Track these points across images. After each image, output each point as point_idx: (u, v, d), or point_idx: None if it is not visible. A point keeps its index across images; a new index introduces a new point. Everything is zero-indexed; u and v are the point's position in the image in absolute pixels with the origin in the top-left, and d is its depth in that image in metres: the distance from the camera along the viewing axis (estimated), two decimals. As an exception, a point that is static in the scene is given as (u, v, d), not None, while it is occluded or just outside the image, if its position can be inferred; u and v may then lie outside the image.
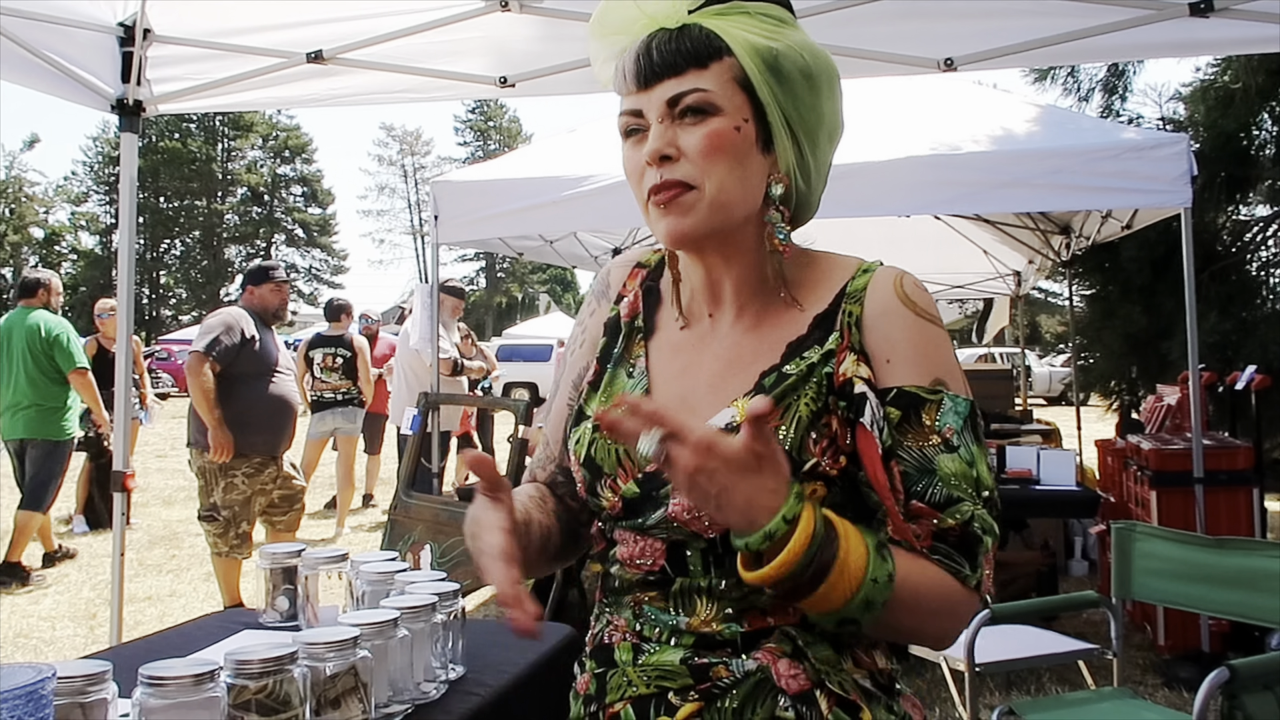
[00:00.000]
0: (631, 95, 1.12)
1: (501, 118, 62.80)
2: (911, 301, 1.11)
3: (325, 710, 1.38)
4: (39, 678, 1.14)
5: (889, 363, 1.09)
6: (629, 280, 1.29)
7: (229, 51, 3.65)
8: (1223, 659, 2.33)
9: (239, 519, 4.94)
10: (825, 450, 1.07)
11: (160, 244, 54.27)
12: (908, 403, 1.07)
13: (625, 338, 1.24)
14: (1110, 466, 5.92)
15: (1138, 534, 3.02)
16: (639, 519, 1.12)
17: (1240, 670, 2.21)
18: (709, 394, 1.14)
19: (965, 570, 1.04)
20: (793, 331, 1.14)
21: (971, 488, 1.06)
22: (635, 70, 1.10)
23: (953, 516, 1.04)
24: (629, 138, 1.14)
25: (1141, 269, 7.06)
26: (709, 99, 1.09)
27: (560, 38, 3.45)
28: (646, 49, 1.10)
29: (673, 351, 1.20)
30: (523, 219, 5.17)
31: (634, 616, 1.14)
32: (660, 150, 1.09)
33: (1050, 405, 20.68)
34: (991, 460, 1.10)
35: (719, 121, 1.09)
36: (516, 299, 59.06)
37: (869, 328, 1.10)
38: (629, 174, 1.14)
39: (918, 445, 1.06)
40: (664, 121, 1.10)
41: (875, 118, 4.94)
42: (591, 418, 1.18)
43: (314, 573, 1.84)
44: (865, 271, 1.15)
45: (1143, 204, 4.81)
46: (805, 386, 1.09)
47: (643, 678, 1.11)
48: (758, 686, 1.07)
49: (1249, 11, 3.05)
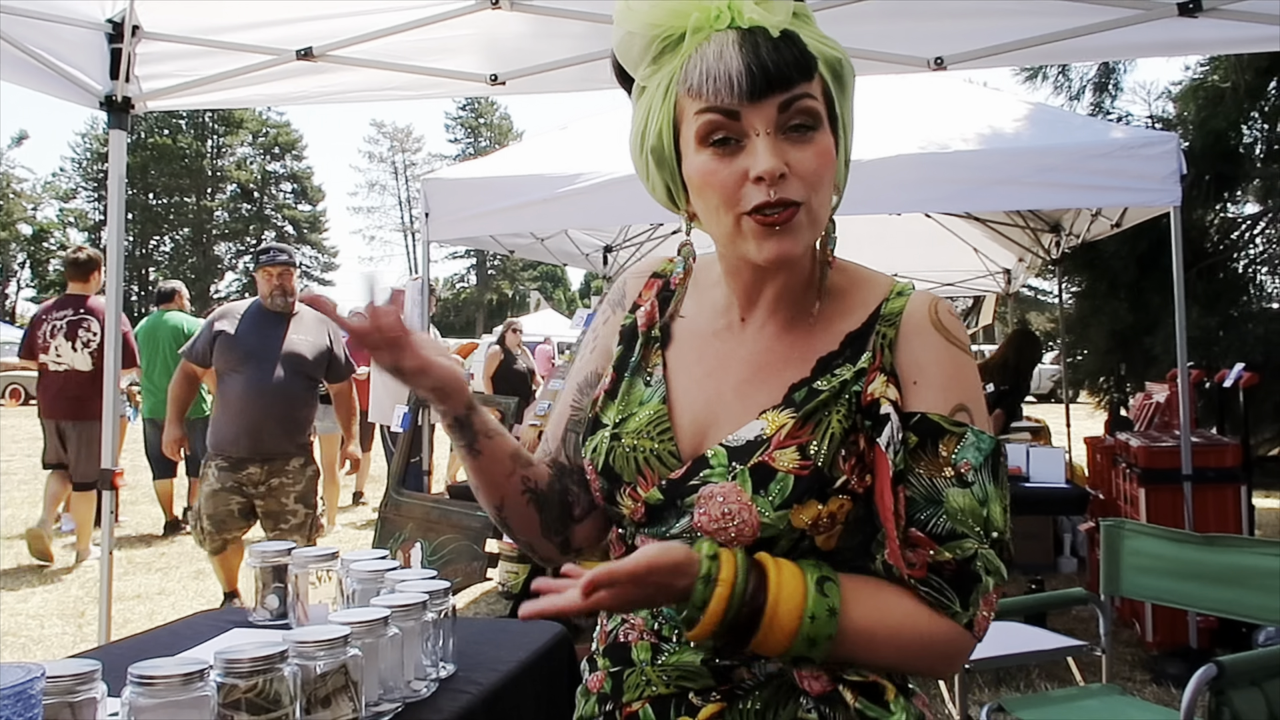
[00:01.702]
0: (732, 102, 1.03)
1: (493, 115, 62.69)
2: (944, 327, 1.11)
3: (315, 709, 1.37)
4: (28, 677, 1.14)
5: (915, 385, 1.08)
6: (645, 290, 1.26)
7: (218, 48, 3.64)
8: (1210, 655, 2.34)
9: (214, 519, 4.63)
10: (854, 469, 1.06)
11: (150, 240, 54.08)
12: (927, 430, 1.06)
13: (642, 346, 1.22)
14: (1099, 464, 5.94)
15: (1126, 531, 3.03)
16: (662, 526, 1.11)
17: (1228, 666, 2.22)
18: (736, 400, 1.12)
19: (954, 606, 1.03)
20: (824, 346, 1.12)
21: (980, 526, 1.04)
22: (748, 79, 1.02)
23: (952, 550, 1.03)
24: (713, 146, 1.05)
25: (1128, 266, 7.09)
26: (817, 109, 1.06)
27: (551, 35, 3.45)
28: (756, 55, 1.03)
29: (696, 358, 1.18)
30: (514, 216, 5.16)
31: (651, 616, 1.13)
32: (778, 169, 1.02)
33: (1040, 403, 20.71)
34: (1009, 503, 1.09)
35: (824, 139, 1.06)
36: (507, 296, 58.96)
37: (900, 350, 1.10)
38: (714, 185, 1.05)
39: (929, 474, 1.05)
40: (771, 134, 1.03)
41: (866, 116, 4.91)
42: (611, 427, 1.17)
43: (304, 571, 1.84)
44: (900, 294, 1.14)
45: (1133, 202, 4.83)
46: (837, 404, 1.08)
47: (662, 677, 1.10)
48: (780, 688, 1.07)
49: (1237, 11, 3.07)
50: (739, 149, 1.04)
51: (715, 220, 1.08)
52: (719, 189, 1.05)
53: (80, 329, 6.43)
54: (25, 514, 7.73)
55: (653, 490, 1.11)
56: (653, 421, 1.14)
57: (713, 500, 1.06)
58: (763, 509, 1.04)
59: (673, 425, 1.14)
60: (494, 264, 58.52)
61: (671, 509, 1.10)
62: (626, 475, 1.14)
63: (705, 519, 1.06)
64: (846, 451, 1.06)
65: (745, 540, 1.05)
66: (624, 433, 1.15)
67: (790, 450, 1.06)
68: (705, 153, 1.06)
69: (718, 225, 1.08)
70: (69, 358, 6.44)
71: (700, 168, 1.06)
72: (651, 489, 1.11)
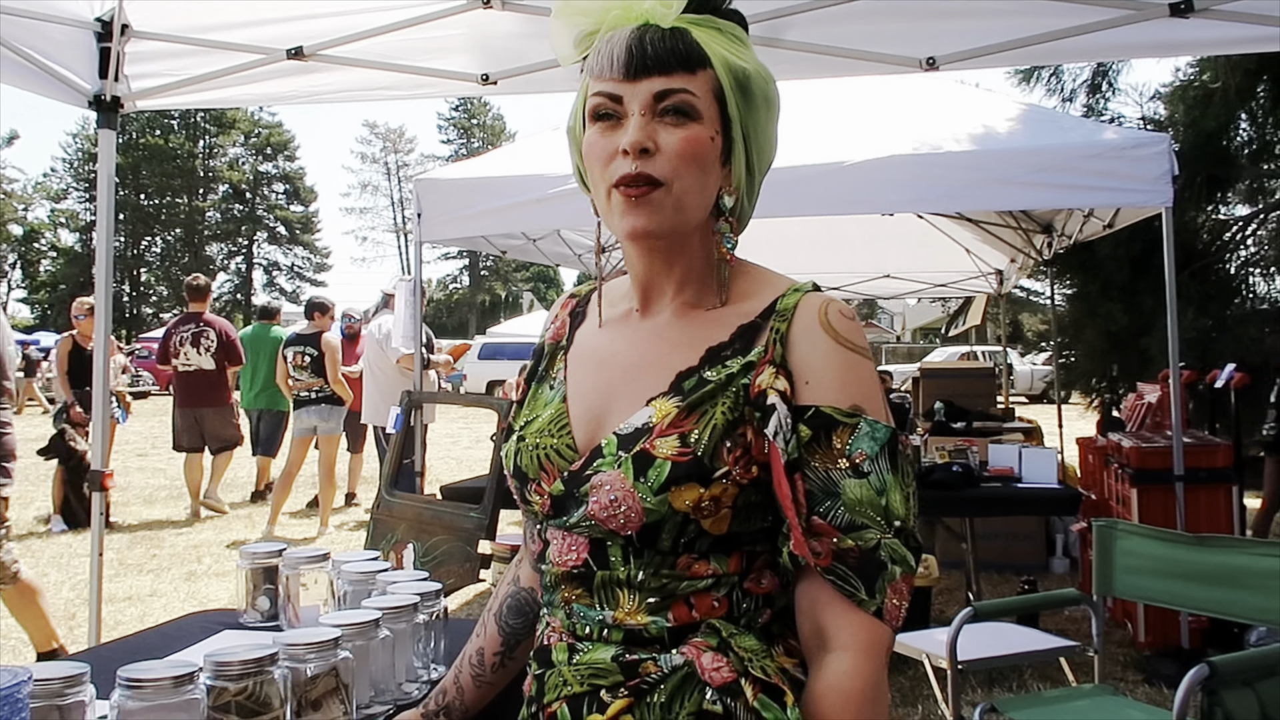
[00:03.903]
0: (613, 81, 1.13)
1: (485, 115, 62.64)
2: (833, 329, 1.13)
3: (306, 712, 1.37)
4: (15, 680, 1.13)
5: (808, 384, 1.11)
6: (561, 310, 1.35)
7: (208, 47, 3.62)
8: (1202, 655, 2.35)
9: None
10: (739, 460, 1.09)
11: (141, 241, 53.91)
12: (821, 423, 1.09)
13: (549, 357, 1.30)
14: (1091, 464, 5.95)
15: (1119, 531, 3.03)
16: (564, 517, 1.16)
17: (1220, 667, 2.23)
18: (624, 385, 1.17)
19: (860, 594, 1.05)
20: (714, 336, 1.16)
21: (880, 516, 1.06)
22: (626, 59, 1.11)
23: (854, 539, 1.06)
24: (600, 121, 1.14)
25: (1121, 267, 7.11)
26: (693, 103, 1.12)
27: (543, 35, 3.43)
28: (640, 40, 1.12)
29: (589, 352, 1.25)
30: (506, 217, 5.15)
31: (567, 616, 1.17)
32: (641, 143, 1.10)
33: (1032, 403, 20.78)
34: (912, 490, 1.10)
35: (698, 128, 1.12)
36: (500, 297, 58.94)
37: (792, 347, 1.12)
38: (593, 157, 1.15)
39: (824, 466, 1.08)
40: (646, 115, 1.11)
41: (858, 117, 4.95)
42: (518, 431, 1.24)
43: (295, 572, 1.83)
44: (796, 291, 1.17)
45: (1125, 203, 4.83)
46: (723, 395, 1.11)
47: (577, 676, 1.13)
48: (684, 680, 1.08)
49: (1229, 12, 3.07)
50: (619, 126, 1.13)
51: (597, 194, 1.17)
52: (596, 161, 1.14)
53: (202, 337, 8.51)
54: (17, 515, 7.70)
55: (555, 483, 1.17)
56: (553, 420, 1.21)
57: (602, 489, 1.11)
58: (643, 495, 1.08)
59: (569, 419, 1.20)
60: (486, 265, 58.50)
61: (571, 499, 1.15)
62: (531, 473, 1.20)
63: (597, 507, 1.11)
64: (732, 443, 1.09)
65: (634, 526, 1.10)
66: (528, 434, 1.23)
67: (671, 439, 1.10)
68: (593, 128, 1.15)
69: (598, 199, 1.17)
70: (196, 360, 8.50)
71: (587, 141, 1.16)
72: (555, 481, 1.17)
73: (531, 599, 1.37)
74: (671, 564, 1.11)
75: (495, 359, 21.85)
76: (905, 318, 31.30)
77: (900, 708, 3.95)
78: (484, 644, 1.39)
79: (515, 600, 1.39)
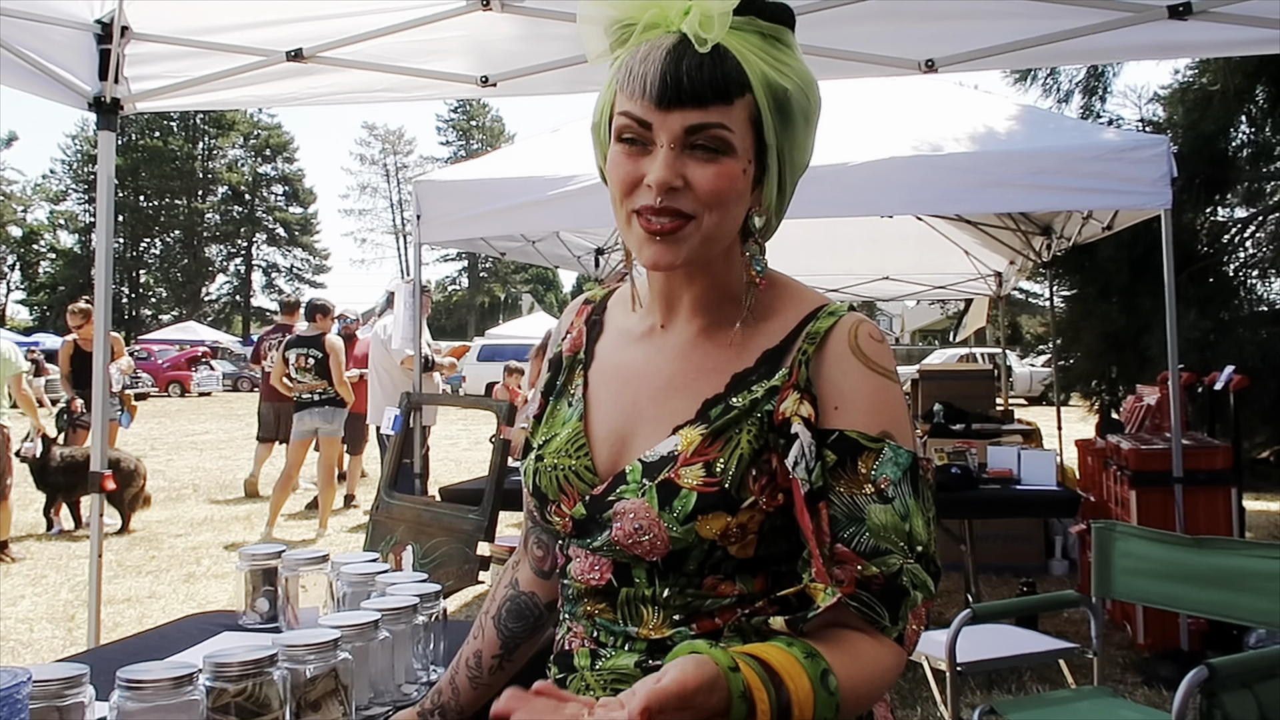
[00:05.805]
0: (644, 106, 1.07)
1: (484, 117, 62.68)
2: (863, 353, 1.11)
3: (305, 713, 1.37)
4: (14, 682, 1.13)
5: (836, 410, 1.09)
6: (576, 318, 1.32)
7: (208, 49, 3.62)
8: (1201, 657, 2.35)
9: None
10: (764, 488, 1.08)
11: (140, 243, 53.94)
12: (846, 448, 1.07)
13: (567, 369, 1.27)
14: (1090, 466, 5.95)
15: (1117, 533, 3.03)
16: (588, 539, 1.15)
17: (1219, 669, 2.23)
18: (651, 410, 1.15)
19: (884, 621, 1.03)
20: (740, 362, 1.14)
21: (904, 541, 1.05)
22: (660, 89, 1.05)
23: (878, 566, 1.04)
24: (626, 143, 1.09)
25: (1120, 269, 7.12)
26: (727, 138, 1.07)
27: (542, 37, 3.44)
28: (675, 70, 1.05)
29: (612, 370, 1.22)
30: (505, 219, 5.15)
31: (590, 623, 1.17)
32: (669, 182, 1.06)
33: (1031, 405, 20.79)
34: (932, 515, 1.09)
35: (731, 163, 1.07)
36: (499, 299, 58.96)
37: (820, 372, 1.10)
38: (617, 179, 1.10)
39: (849, 492, 1.06)
40: (675, 149, 1.06)
41: (857, 118, 4.95)
42: (536, 450, 1.23)
43: (294, 574, 1.83)
44: (830, 314, 1.14)
45: (1123, 205, 4.84)
46: (747, 421, 1.09)
47: (599, 681, 1.14)
48: None
49: (1227, 14, 3.07)
50: (645, 152, 1.08)
51: (615, 208, 1.13)
52: (619, 183, 1.10)
53: None
54: (17, 516, 7.70)
55: (577, 505, 1.15)
56: (571, 440, 1.19)
57: (626, 516, 1.10)
58: (669, 524, 1.07)
59: (589, 442, 1.18)
60: (486, 267, 58.51)
61: (594, 523, 1.14)
62: (550, 494, 1.19)
63: (621, 534, 1.10)
64: (758, 471, 1.08)
65: (659, 553, 1.09)
66: (546, 453, 1.21)
67: (696, 467, 1.08)
68: (618, 146, 1.11)
69: (617, 217, 1.14)
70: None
71: (611, 158, 1.12)
72: (576, 504, 1.16)
73: (532, 603, 1.37)
74: (698, 584, 1.10)
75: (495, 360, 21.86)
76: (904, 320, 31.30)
77: (900, 709, 3.95)
78: (481, 647, 1.39)
79: (515, 604, 1.39)
